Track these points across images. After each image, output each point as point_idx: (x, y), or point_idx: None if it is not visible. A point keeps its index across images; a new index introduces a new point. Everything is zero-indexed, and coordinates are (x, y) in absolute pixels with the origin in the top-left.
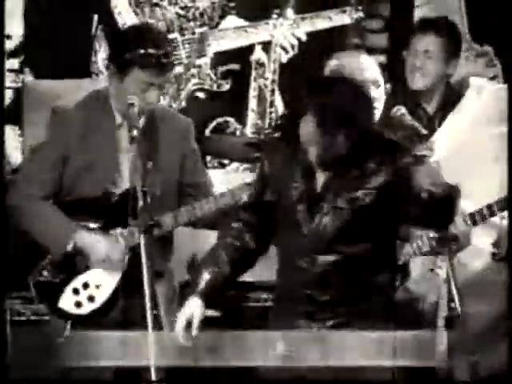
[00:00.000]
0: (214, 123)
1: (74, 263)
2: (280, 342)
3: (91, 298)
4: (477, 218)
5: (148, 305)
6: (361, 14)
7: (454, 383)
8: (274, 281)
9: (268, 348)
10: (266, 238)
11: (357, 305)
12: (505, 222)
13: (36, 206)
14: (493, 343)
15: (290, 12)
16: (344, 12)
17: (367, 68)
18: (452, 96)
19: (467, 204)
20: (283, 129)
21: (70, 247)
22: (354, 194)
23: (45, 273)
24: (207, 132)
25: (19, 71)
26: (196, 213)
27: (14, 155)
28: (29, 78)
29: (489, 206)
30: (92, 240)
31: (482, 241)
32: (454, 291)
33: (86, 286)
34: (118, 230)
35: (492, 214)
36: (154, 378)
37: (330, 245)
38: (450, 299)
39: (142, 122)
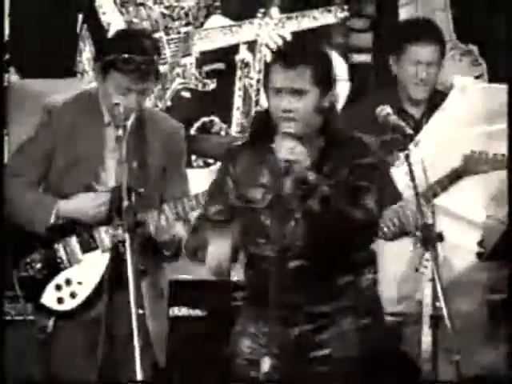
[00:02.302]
0: (199, 123)
1: (58, 259)
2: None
3: (73, 295)
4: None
5: (133, 304)
6: (346, 14)
7: (439, 383)
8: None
9: None
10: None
11: (329, 306)
12: (490, 221)
13: (16, 190)
14: (477, 343)
15: (275, 11)
16: (329, 11)
17: (336, 66)
18: (438, 98)
19: (450, 202)
20: (254, 129)
21: (52, 219)
22: (324, 195)
23: (29, 268)
24: (192, 131)
25: (4, 70)
26: (179, 211)
27: None
28: (14, 77)
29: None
30: (74, 202)
31: (468, 240)
32: (439, 290)
33: (68, 282)
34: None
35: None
36: (139, 377)
37: (301, 250)
38: (435, 298)
39: (130, 121)
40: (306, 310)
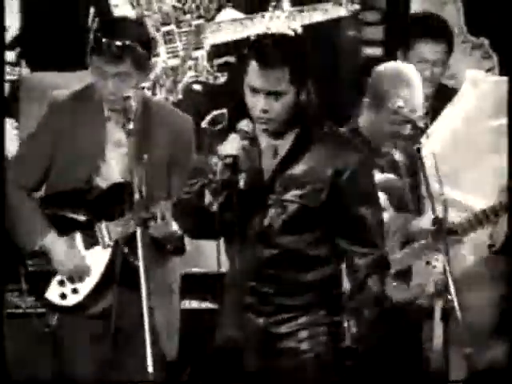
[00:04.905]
0: (210, 116)
1: None
2: None
3: (75, 290)
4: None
5: (144, 298)
6: (357, 7)
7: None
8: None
9: None
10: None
11: (299, 298)
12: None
13: (16, 199)
14: (488, 335)
15: (286, 4)
16: (340, 4)
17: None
18: (444, 93)
19: (461, 195)
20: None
21: (37, 247)
22: (303, 190)
23: (35, 264)
24: (203, 124)
25: (16, 63)
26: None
27: (11, 148)
28: (25, 70)
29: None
30: (55, 246)
31: (479, 232)
32: (451, 283)
33: (71, 278)
34: (103, 224)
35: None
36: (151, 369)
37: (274, 238)
38: (447, 291)
39: (133, 113)
40: (276, 301)
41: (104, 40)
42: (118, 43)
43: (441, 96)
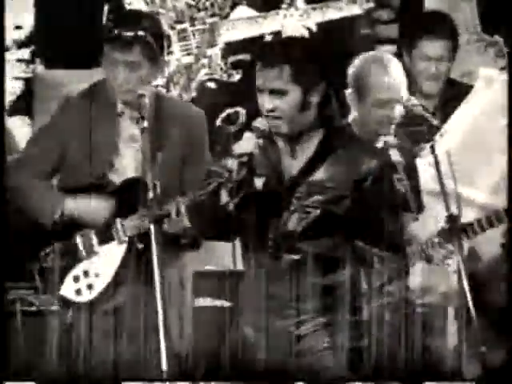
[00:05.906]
0: (224, 114)
1: (76, 250)
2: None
3: (90, 286)
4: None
5: (158, 295)
6: (371, 5)
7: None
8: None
9: None
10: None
11: (318, 301)
12: None
13: (26, 181)
14: (501, 334)
15: (300, 2)
16: (354, 2)
17: (391, 72)
18: (453, 90)
19: (475, 193)
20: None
21: (57, 216)
22: (326, 196)
23: (48, 260)
24: (217, 122)
25: (30, 61)
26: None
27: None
28: (39, 67)
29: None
30: (78, 204)
31: (493, 230)
32: (465, 282)
33: (86, 273)
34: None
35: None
36: (165, 366)
37: (295, 243)
38: (461, 290)
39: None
40: (298, 305)
41: (117, 32)
42: (129, 33)
43: (455, 93)
